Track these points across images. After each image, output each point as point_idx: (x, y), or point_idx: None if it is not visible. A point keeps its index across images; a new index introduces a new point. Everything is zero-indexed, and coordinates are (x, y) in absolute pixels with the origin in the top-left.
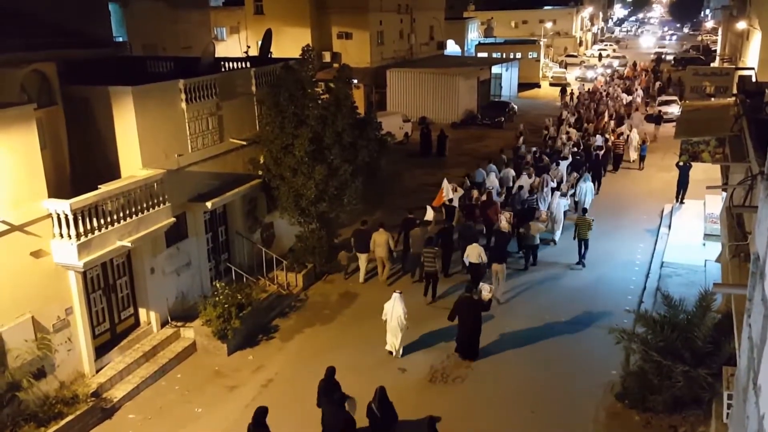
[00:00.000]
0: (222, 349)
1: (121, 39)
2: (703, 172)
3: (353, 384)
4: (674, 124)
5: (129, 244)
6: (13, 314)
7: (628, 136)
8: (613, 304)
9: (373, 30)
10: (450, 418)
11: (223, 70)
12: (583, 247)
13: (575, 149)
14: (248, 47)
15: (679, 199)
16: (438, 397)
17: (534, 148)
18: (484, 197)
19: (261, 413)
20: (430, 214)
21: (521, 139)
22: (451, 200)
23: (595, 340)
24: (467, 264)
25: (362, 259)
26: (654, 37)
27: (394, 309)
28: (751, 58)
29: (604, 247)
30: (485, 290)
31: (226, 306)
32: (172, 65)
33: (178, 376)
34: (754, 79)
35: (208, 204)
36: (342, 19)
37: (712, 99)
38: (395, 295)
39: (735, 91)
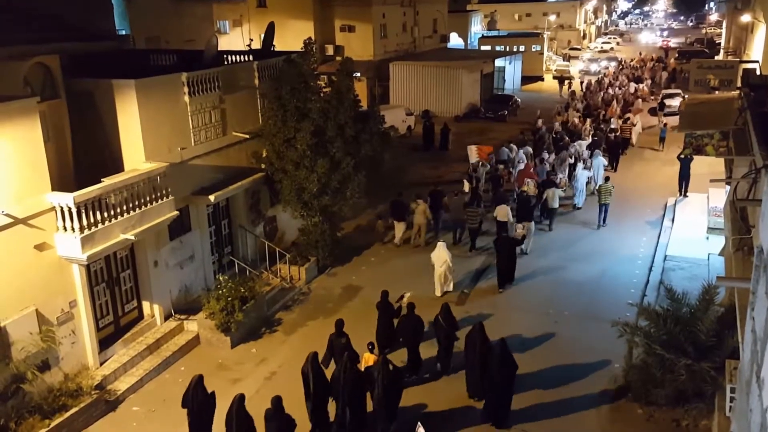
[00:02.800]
0: (225, 342)
1: (124, 32)
2: (708, 165)
3: None
4: (677, 117)
5: (132, 237)
6: (17, 307)
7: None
8: (616, 297)
9: (376, 23)
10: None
11: (225, 63)
12: (603, 210)
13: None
14: (251, 40)
15: (682, 192)
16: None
17: (557, 129)
18: (521, 166)
19: (340, 323)
20: (466, 186)
21: (540, 121)
22: (476, 170)
23: (598, 333)
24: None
25: (398, 226)
26: (653, 33)
27: (439, 256)
28: (755, 51)
29: (607, 240)
30: (519, 228)
31: (229, 299)
32: (175, 58)
33: (181, 368)
34: (758, 72)
35: (211, 197)
36: (345, 12)
37: (716, 92)
38: (439, 244)
39: (739, 84)
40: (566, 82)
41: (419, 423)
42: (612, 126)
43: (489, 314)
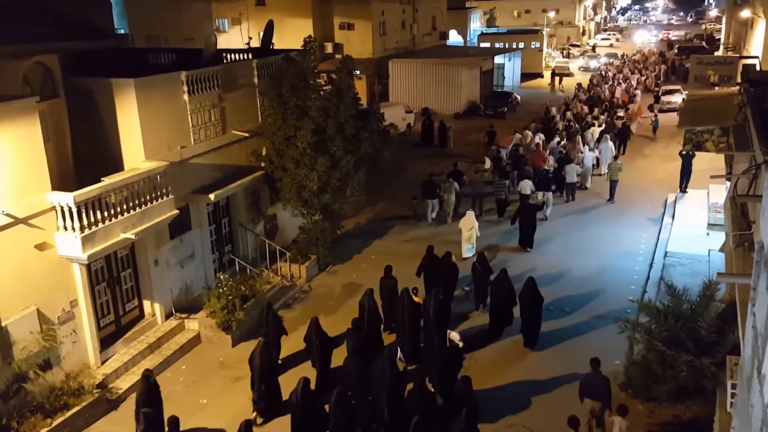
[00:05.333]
0: (226, 340)
1: (123, 31)
2: (708, 161)
3: None
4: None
5: (133, 237)
6: (18, 306)
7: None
8: (617, 293)
9: (376, 20)
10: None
11: (225, 61)
12: (613, 186)
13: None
14: (250, 39)
15: (683, 188)
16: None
17: (569, 117)
18: (534, 148)
19: (389, 268)
20: (488, 164)
21: (554, 109)
22: (499, 151)
23: (599, 329)
24: (519, 194)
25: (429, 204)
26: (648, 32)
27: (467, 222)
28: (755, 46)
29: (607, 236)
30: (539, 195)
31: (230, 297)
32: (174, 57)
33: (182, 367)
34: (758, 68)
35: (211, 196)
36: (344, 10)
37: (716, 88)
38: (468, 212)
39: (739, 79)
40: (556, 77)
41: (450, 331)
42: (620, 114)
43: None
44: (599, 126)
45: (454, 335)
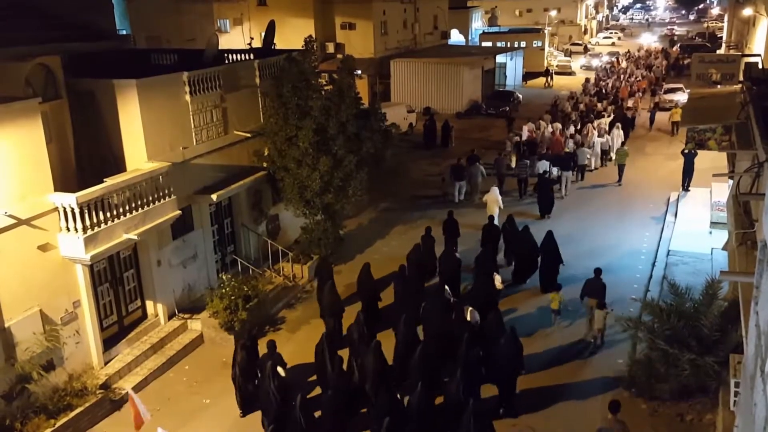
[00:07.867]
0: (229, 340)
1: (124, 32)
2: (710, 160)
3: None
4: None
5: (135, 237)
6: (21, 307)
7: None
8: (620, 292)
9: (377, 20)
10: None
11: (226, 62)
12: (620, 170)
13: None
14: (251, 39)
15: (685, 187)
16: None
17: (581, 108)
18: (548, 135)
19: (429, 228)
20: (508, 146)
21: (566, 103)
22: (520, 137)
23: None
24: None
25: (457, 186)
26: (653, 35)
27: (491, 195)
28: (757, 44)
29: (610, 235)
30: (555, 170)
31: (232, 298)
32: (176, 57)
33: (185, 367)
34: (760, 66)
35: (214, 196)
36: (345, 10)
37: (718, 86)
38: (493, 188)
39: (741, 78)
40: (550, 75)
41: (495, 273)
42: (629, 105)
43: None
44: (608, 116)
45: (498, 277)
